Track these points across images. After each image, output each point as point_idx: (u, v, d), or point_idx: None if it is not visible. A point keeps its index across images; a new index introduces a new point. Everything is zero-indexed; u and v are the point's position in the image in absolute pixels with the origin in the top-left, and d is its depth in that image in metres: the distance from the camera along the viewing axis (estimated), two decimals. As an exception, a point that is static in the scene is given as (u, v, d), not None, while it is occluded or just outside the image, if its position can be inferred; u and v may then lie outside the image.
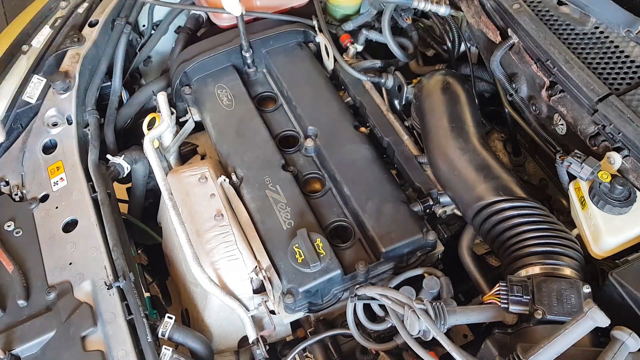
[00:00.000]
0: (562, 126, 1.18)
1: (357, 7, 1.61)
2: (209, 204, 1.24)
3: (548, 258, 0.98)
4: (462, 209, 1.16)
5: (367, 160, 1.30)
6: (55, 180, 1.31)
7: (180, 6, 1.65)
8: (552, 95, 1.15)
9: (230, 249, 1.17)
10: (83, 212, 1.24)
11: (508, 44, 1.24)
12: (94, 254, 1.17)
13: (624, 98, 1.05)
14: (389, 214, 1.19)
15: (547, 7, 1.24)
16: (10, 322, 1.09)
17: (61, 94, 1.42)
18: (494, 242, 1.08)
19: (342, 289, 1.16)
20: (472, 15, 1.35)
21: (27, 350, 1.06)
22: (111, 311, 1.08)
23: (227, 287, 1.16)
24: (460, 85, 1.30)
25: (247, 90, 1.46)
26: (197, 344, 1.11)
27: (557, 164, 1.09)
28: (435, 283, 1.07)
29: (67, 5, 1.56)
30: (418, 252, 1.20)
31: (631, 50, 1.13)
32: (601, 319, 0.78)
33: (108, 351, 1.04)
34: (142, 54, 1.65)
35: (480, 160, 1.14)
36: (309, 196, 1.26)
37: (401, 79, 1.43)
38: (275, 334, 1.21)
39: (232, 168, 1.31)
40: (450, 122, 1.22)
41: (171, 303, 1.53)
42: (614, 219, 1.01)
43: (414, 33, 1.55)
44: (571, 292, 0.90)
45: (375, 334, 1.12)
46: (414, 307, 0.91)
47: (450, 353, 0.85)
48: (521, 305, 0.90)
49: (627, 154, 1.03)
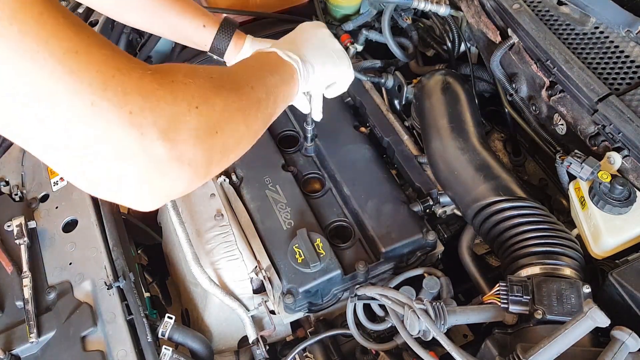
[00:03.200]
0: (562, 126, 1.18)
1: (357, 7, 1.61)
2: (209, 204, 1.24)
3: (548, 258, 0.98)
4: (462, 209, 1.16)
5: (367, 160, 1.30)
6: (55, 180, 1.31)
7: (180, 6, 1.65)
8: (552, 95, 1.15)
9: (230, 249, 1.17)
10: (83, 212, 1.24)
11: (508, 44, 1.24)
12: (94, 254, 1.17)
13: (624, 98, 1.05)
14: (389, 214, 1.19)
15: (547, 7, 1.24)
16: (10, 322, 1.09)
17: (61, 94, 1.42)
18: (494, 242, 1.08)
19: (342, 289, 1.16)
20: (472, 15, 1.35)
21: (27, 351, 1.06)
22: (111, 311, 1.09)
23: (227, 287, 1.16)
24: (460, 85, 1.30)
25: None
26: (197, 344, 1.11)
27: (557, 164, 1.09)
28: (435, 283, 1.07)
29: (67, 5, 1.56)
30: (418, 252, 1.20)
31: (631, 50, 1.13)
32: (601, 319, 0.78)
33: (108, 351, 1.04)
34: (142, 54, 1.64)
35: (480, 160, 1.14)
36: (309, 196, 1.26)
37: (401, 79, 1.43)
38: (275, 334, 1.21)
39: (232, 168, 1.31)
40: (450, 122, 1.22)
41: (171, 303, 1.53)
42: (614, 219, 1.01)
43: (414, 33, 1.55)
44: (571, 292, 0.90)
45: (375, 334, 1.12)
46: (414, 307, 0.91)
47: (450, 353, 0.85)
48: (521, 305, 0.90)
49: (627, 154, 1.03)
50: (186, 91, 0.64)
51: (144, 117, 0.58)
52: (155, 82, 0.61)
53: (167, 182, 0.63)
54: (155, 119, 0.59)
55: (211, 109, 0.67)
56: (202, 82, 0.68)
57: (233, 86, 0.74)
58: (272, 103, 0.84)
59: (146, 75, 0.60)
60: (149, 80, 0.60)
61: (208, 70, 0.72)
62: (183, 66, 0.69)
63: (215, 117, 0.67)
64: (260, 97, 0.80)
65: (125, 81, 0.57)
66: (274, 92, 0.85)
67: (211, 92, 0.68)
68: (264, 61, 0.93)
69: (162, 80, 0.62)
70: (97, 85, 0.55)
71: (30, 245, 1.20)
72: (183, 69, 0.67)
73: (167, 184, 0.64)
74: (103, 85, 0.56)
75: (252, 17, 1.58)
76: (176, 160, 0.62)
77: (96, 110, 0.55)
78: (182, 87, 0.64)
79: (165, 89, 0.61)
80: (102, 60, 0.57)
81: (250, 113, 0.76)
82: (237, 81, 0.77)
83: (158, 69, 0.63)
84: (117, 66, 0.58)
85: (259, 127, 0.82)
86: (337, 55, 1.09)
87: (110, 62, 0.57)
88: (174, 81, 0.63)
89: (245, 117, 0.74)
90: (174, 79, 0.64)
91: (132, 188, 0.62)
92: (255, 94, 0.79)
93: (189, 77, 0.66)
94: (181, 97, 0.63)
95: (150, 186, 0.62)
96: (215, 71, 0.73)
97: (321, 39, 1.09)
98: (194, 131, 0.63)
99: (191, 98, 0.64)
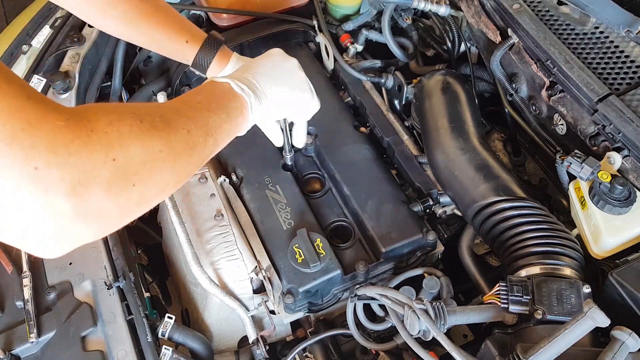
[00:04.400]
0: (562, 126, 1.18)
1: (357, 7, 1.61)
2: (209, 204, 1.24)
3: (548, 258, 0.98)
4: (462, 209, 1.16)
5: (367, 160, 1.30)
6: (55, 180, 1.31)
7: (180, 6, 1.65)
8: (552, 95, 1.15)
9: (230, 249, 1.17)
10: (83, 212, 1.23)
11: (508, 44, 1.24)
12: (94, 254, 1.17)
13: (624, 98, 1.05)
14: (389, 214, 1.19)
15: (547, 7, 1.24)
16: (10, 322, 1.09)
17: (61, 94, 1.42)
18: (494, 242, 1.08)
19: (342, 289, 1.16)
20: (472, 15, 1.35)
21: (27, 351, 1.06)
22: (111, 311, 1.09)
23: (227, 287, 1.16)
24: (460, 85, 1.30)
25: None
26: (197, 344, 1.11)
27: (557, 164, 1.09)
28: (435, 283, 1.07)
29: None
30: (418, 252, 1.20)
31: (631, 50, 1.13)
32: (601, 319, 0.78)
33: (108, 351, 1.04)
34: (142, 54, 1.64)
35: (480, 160, 1.14)
36: (309, 196, 1.26)
37: (401, 79, 1.43)
38: (275, 334, 1.21)
39: (232, 168, 1.31)
40: (450, 122, 1.22)
41: (171, 303, 1.53)
42: (614, 219, 1.01)
43: (414, 33, 1.55)
44: (571, 292, 0.90)
45: (375, 334, 1.12)
46: (414, 307, 0.91)
47: (450, 353, 0.85)
48: (521, 305, 0.90)
49: (627, 154, 1.03)
50: (105, 141, 0.60)
51: (50, 172, 0.55)
52: (70, 134, 0.57)
53: (73, 236, 0.61)
54: (62, 175, 0.56)
55: (130, 160, 0.62)
56: (127, 129, 0.63)
57: (165, 132, 0.69)
58: (211, 145, 0.80)
59: (60, 126, 0.56)
60: (63, 132, 0.56)
61: (140, 112, 0.67)
62: (109, 110, 0.64)
63: (134, 168, 0.63)
64: (197, 142, 0.75)
65: (34, 134, 0.54)
66: (215, 133, 0.80)
67: (135, 140, 0.64)
68: (214, 94, 0.88)
69: (79, 131, 0.58)
70: (3, 139, 0.52)
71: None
72: (107, 115, 0.62)
73: (73, 238, 0.61)
74: (9, 140, 0.52)
75: (252, 17, 1.58)
76: (82, 216, 0.59)
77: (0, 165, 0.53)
78: (101, 137, 0.60)
79: (80, 141, 0.58)
80: (12, 113, 0.53)
81: (181, 160, 0.71)
82: (173, 125, 0.71)
83: (78, 116, 0.59)
84: (29, 118, 0.54)
85: (191, 170, 0.77)
86: (300, 87, 1.06)
87: (21, 114, 0.54)
88: (92, 130, 0.59)
89: (174, 164, 0.70)
90: (93, 127, 0.59)
91: (37, 241, 0.59)
92: (192, 138, 0.74)
93: (112, 125, 0.62)
94: (98, 149, 0.59)
95: (55, 240, 0.60)
96: (148, 112, 0.69)
97: (287, 69, 1.06)
98: (106, 185, 0.60)
99: (109, 149, 0.60)
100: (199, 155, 0.77)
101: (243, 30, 1.54)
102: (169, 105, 0.79)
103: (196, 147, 0.75)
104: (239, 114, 0.91)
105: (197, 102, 0.83)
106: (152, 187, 0.67)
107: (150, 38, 1.10)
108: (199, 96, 0.85)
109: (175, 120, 0.73)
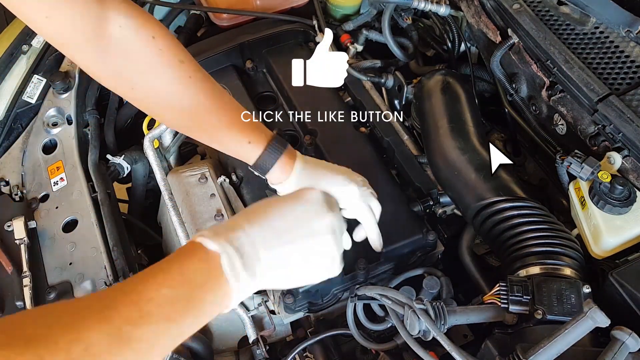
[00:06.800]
0: (562, 126, 1.18)
1: (357, 7, 1.61)
2: (209, 204, 1.24)
3: (548, 258, 0.98)
4: (462, 209, 1.16)
5: (366, 160, 1.29)
6: (55, 180, 1.31)
7: (180, 6, 1.65)
8: (552, 95, 1.15)
9: (230, 249, 1.17)
10: (83, 212, 1.24)
11: (508, 44, 1.24)
12: (94, 254, 1.17)
13: (624, 98, 1.05)
14: (389, 214, 1.19)
15: (547, 7, 1.24)
16: (10, 322, 1.09)
17: (61, 94, 1.42)
18: (494, 242, 1.08)
19: (342, 289, 1.16)
20: (472, 15, 1.35)
21: (27, 350, 1.06)
22: (111, 311, 1.08)
23: (227, 287, 1.16)
24: (460, 85, 1.30)
25: (246, 90, 1.46)
26: (197, 344, 1.11)
27: (557, 164, 1.09)
28: (435, 283, 1.07)
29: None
30: (418, 252, 1.20)
31: (631, 50, 1.13)
32: (601, 319, 0.78)
33: (108, 351, 1.04)
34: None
35: (480, 160, 1.14)
36: (309, 196, 1.26)
37: (401, 79, 1.43)
38: (275, 334, 1.21)
39: (232, 168, 1.31)
40: (450, 122, 1.22)
41: (171, 303, 1.53)
42: (614, 219, 1.01)
43: (414, 33, 1.55)
44: (571, 292, 0.90)
45: (375, 334, 1.12)
46: (414, 307, 0.91)
47: (450, 353, 0.85)
48: (521, 305, 0.90)
49: (627, 154, 1.03)
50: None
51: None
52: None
53: None
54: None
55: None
56: None
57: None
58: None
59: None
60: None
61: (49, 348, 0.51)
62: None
63: None
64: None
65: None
66: (169, 348, 0.63)
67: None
68: (185, 282, 0.67)
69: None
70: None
71: (30, 246, 1.20)
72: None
73: None
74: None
75: (252, 17, 1.58)
76: None
77: None
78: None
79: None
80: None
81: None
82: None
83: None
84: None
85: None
86: (318, 242, 0.84)
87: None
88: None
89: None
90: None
91: None
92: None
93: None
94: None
95: None
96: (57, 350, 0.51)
97: (296, 218, 0.84)
98: None
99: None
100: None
101: (243, 30, 1.54)
102: (100, 325, 0.56)
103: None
104: (216, 308, 0.69)
105: (152, 304, 0.60)
106: None
107: (211, 136, 1.00)
108: (159, 289, 0.62)
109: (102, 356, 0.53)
